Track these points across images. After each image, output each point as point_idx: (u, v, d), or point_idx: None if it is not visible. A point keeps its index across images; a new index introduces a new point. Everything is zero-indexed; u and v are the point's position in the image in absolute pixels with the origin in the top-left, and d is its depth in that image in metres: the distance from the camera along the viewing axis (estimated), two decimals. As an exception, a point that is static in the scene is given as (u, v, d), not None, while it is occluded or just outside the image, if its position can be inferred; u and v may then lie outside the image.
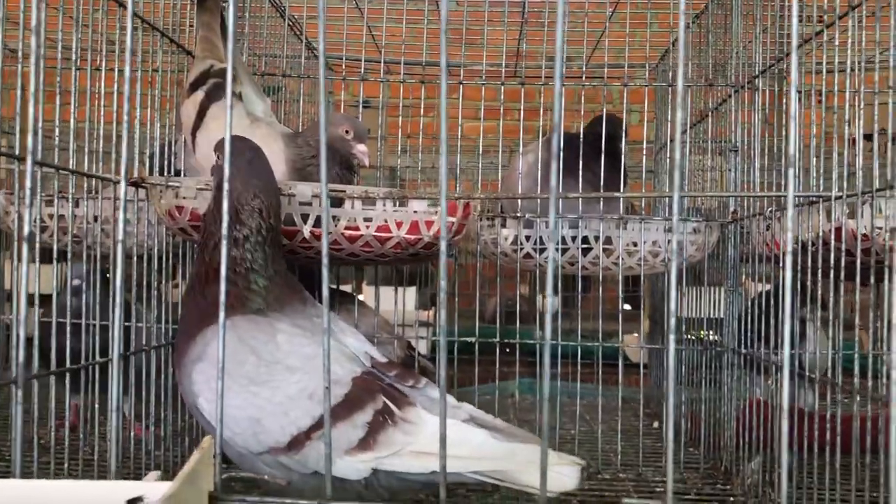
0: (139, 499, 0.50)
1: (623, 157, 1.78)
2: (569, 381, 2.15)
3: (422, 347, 2.58)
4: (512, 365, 2.16)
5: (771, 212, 1.43)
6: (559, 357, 1.90)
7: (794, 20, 0.67)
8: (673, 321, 0.71)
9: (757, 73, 1.49)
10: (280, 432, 1.00)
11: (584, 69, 1.91)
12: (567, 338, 2.02)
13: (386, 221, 1.23)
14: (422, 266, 3.04)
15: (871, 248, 1.22)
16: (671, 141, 2.10)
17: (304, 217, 1.24)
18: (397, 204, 1.25)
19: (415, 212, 1.23)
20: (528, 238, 1.71)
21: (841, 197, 1.18)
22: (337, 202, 1.26)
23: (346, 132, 1.42)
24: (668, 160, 2.06)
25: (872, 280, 1.59)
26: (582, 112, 1.81)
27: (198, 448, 0.59)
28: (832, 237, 1.21)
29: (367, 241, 1.25)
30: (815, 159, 1.25)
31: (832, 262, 1.15)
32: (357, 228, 1.24)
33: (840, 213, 1.21)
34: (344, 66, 2.08)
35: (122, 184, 0.76)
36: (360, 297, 2.03)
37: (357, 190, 1.25)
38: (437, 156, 1.88)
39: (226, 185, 0.78)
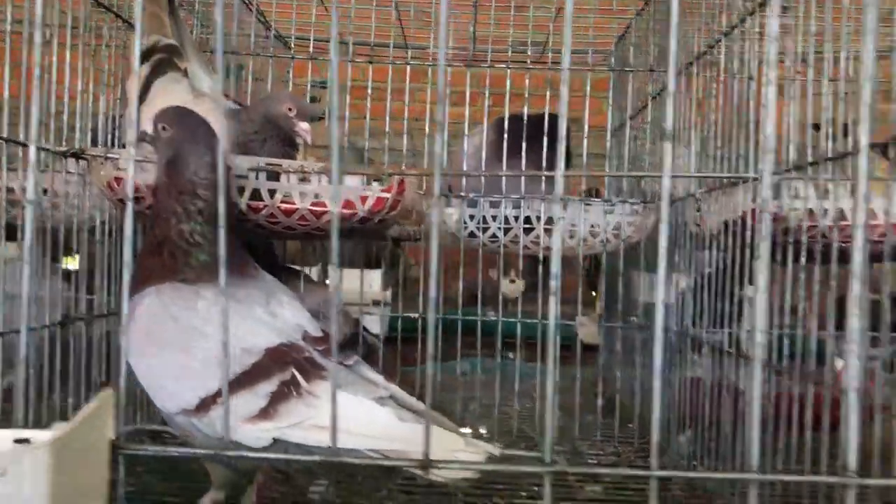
0: (26, 440, 0.53)
1: (567, 140, 1.82)
2: (525, 362, 2.21)
3: (377, 326, 2.61)
4: (472, 346, 2.20)
5: (701, 193, 1.48)
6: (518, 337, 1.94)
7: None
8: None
9: (692, 59, 1.53)
10: (190, 395, 1.04)
11: (530, 52, 1.95)
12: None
13: (320, 196, 1.26)
14: (390, 250, 3.08)
15: (786, 228, 1.26)
16: (621, 126, 2.15)
17: (241, 190, 1.26)
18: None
19: (349, 187, 1.26)
20: (471, 217, 1.75)
21: (758, 178, 1.22)
22: (275, 177, 1.28)
23: (290, 110, 1.44)
24: (620, 144, 2.11)
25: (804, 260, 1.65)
26: (547, 96, 1.84)
27: (96, 397, 0.62)
28: (749, 218, 1.26)
29: (303, 215, 1.28)
30: (738, 143, 1.29)
31: (784, 243, 1.19)
32: (293, 202, 1.27)
33: (759, 194, 1.26)
34: (313, 47, 2.10)
35: (32, 148, 0.79)
36: (309, 273, 2.06)
37: (293, 164, 1.28)
38: (400, 138, 1.90)
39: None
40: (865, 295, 0.72)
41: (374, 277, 3.08)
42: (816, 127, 2.86)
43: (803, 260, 1.19)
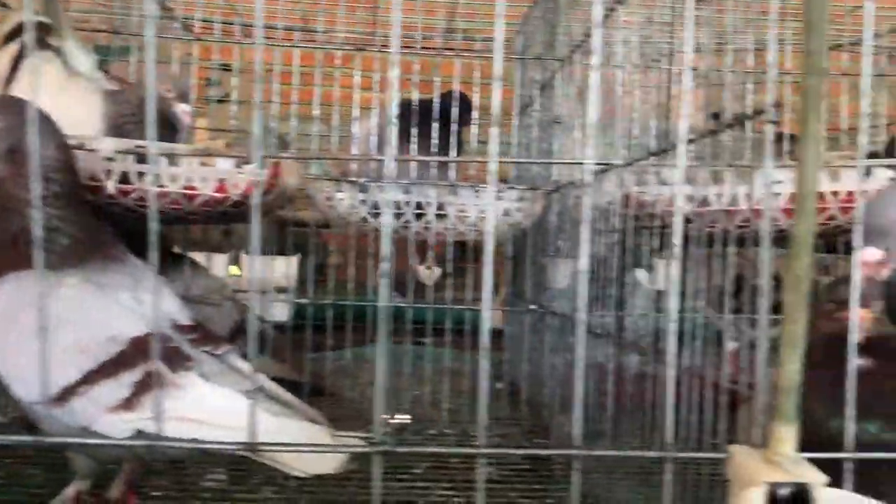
0: None
1: (459, 126, 1.83)
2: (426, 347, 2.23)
3: (282, 313, 2.58)
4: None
5: (579, 180, 1.51)
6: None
7: None
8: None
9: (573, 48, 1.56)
10: (50, 384, 1.01)
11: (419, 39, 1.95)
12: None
13: (191, 179, 1.24)
14: (308, 238, 3.05)
15: (652, 214, 1.30)
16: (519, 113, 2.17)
17: (109, 173, 1.24)
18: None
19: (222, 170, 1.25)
20: (363, 202, 1.74)
21: (630, 164, 1.26)
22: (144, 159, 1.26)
23: (168, 91, 1.41)
24: (524, 132, 2.13)
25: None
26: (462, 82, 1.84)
27: None
28: (622, 203, 1.29)
29: (175, 199, 1.26)
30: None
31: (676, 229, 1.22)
32: (164, 185, 1.24)
33: (630, 180, 1.29)
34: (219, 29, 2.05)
35: None
36: (197, 259, 2.03)
37: (163, 147, 1.25)
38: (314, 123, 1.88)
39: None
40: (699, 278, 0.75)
41: (288, 264, 3.05)
42: (716, 116, 2.95)
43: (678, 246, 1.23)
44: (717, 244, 1.12)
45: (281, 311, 2.64)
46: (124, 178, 1.24)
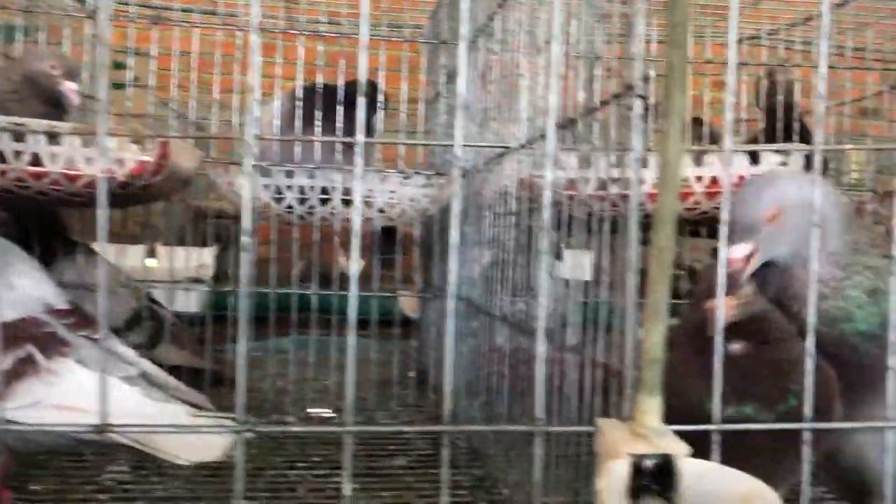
0: None
1: (368, 111, 1.80)
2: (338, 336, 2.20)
3: (192, 303, 2.52)
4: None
5: (483, 164, 1.50)
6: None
7: None
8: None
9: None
10: None
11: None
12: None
13: (73, 159, 1.19)
14: (229, 229, 2.97)
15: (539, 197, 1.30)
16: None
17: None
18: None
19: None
20: (265, 187, 1.70)
21: (522, 147, 1.25)
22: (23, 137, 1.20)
23: (53, 68, 1.35)
24: (434, 118, 2.12)
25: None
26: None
27: None
28: (519, 187, 1.29)
29: (56, 180, 1.20)
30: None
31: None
32: (43, 165, 1.19)
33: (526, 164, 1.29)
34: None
35: None
36: (94, 247, 1.96)
37: (42, 124, 1.19)
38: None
39: None
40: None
41: (205, 255, 2.97)
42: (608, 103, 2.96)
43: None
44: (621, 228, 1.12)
45: (191, 302, 2.57)
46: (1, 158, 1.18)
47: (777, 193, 0.96)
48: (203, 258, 2.92)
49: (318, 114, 1.71)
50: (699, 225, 1.63)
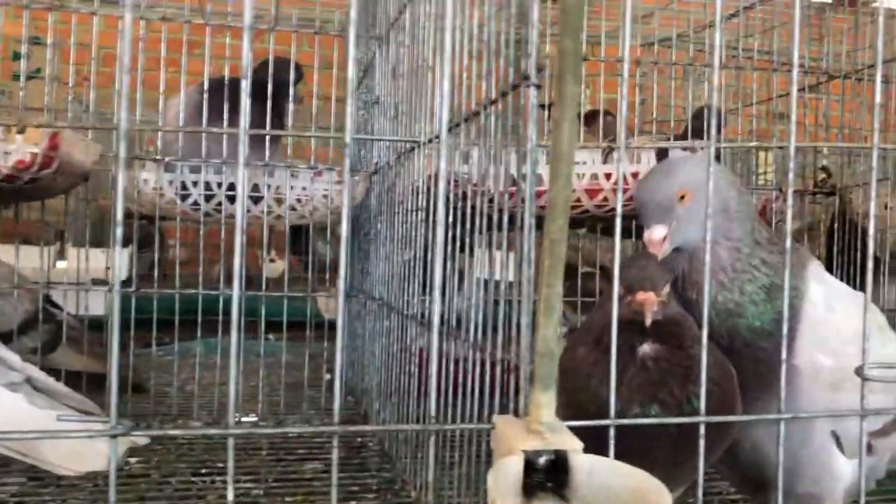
0: None
1: (278, 104, 1.76)
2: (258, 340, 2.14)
3: (99, 306, 2.42)
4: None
5: (395, 160, 1.48)
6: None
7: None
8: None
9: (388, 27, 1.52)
10: None
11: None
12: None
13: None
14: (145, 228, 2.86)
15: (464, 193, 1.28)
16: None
17: None
18: None
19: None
20: (170, 183, 1.64)
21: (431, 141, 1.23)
22: None
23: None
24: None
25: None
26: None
27: None
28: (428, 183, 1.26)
29: (-68, 172, 1.12)
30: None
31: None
32: (-83, 157, 1.11)
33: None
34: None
35: None
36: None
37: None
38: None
39: None
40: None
41: (118, 257, 2.83)
42: (542, 107, 2.98)
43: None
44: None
45: (98, 305, 2.47)
46: None
47: (686, 175, 0.97)
48: (113, 259, 2.81)
49: (226, 107, 1.65)
50: (603, 223, 1.65)
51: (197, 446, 1.48)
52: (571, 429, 0.67)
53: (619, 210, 0.73)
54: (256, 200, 1.67)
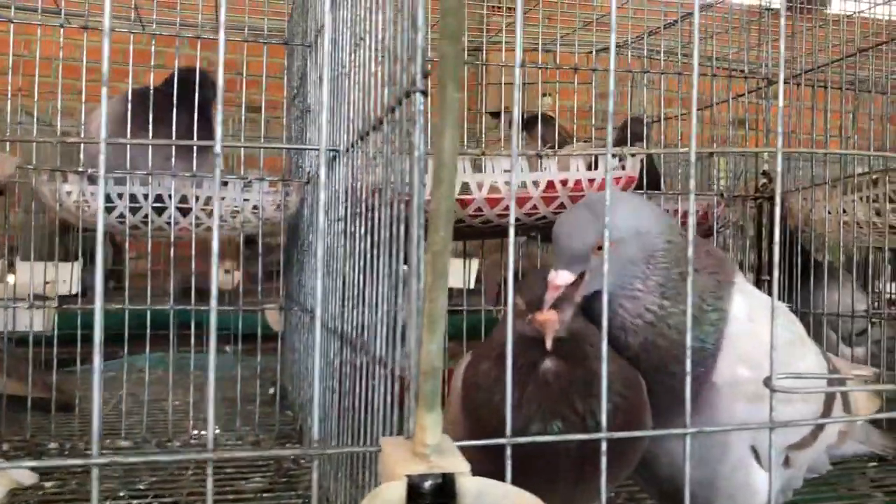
0: None
1: (208, 113, 1.72)
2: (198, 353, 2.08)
3: (38, 323, 2.35)
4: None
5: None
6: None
7: None
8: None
9: (316, 32, 1.49)
10: None
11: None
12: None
13: None
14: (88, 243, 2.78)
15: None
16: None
17: None
18: None
19: None
20: (93, 195, 1.59)
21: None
22: None
23: None
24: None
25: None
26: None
27: None
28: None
29: None
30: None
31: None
32: None
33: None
34: None
35: None
36: None
37: None
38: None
39: None
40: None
41: (68, 271, 2.77)
42: (495, 115, 2.97)
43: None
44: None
45: (37, 321, 2.40)
46: None
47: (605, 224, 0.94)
48: (66, 274, 2.74)
49: (151, 116, 1.61)
50: (539, 230, 1.62)
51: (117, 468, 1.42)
52: (471, 448, 0.65)
53: (511, 220, 0.70)
54: (185, 212, 1.63)
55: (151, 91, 1.62)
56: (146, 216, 1.61)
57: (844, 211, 1.70)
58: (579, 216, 0.94)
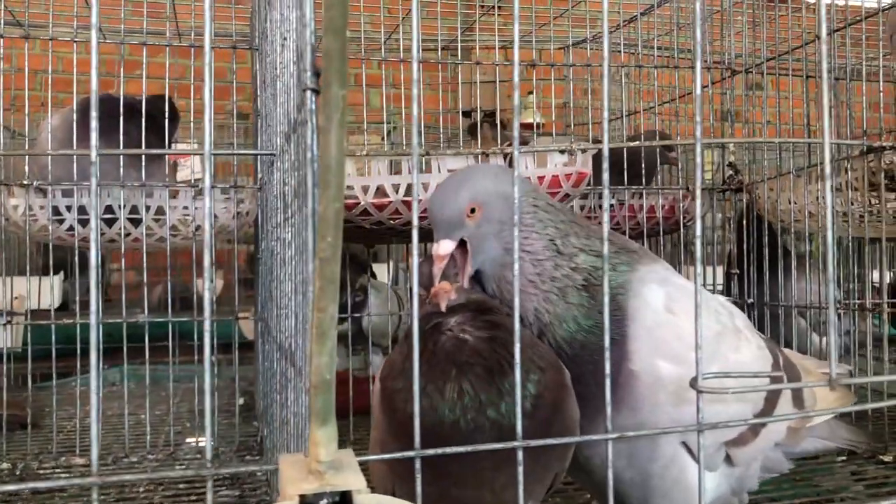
0: None
1: (169, 123, 1.69)
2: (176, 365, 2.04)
3: (4, 338, 2.31)
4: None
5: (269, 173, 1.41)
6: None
7: None
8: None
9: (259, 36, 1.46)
10: None
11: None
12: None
13: None
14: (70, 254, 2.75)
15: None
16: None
17: None
18: None
19: None
20: (41, 208, 1.56)
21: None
22: None
23: None
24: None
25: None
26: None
27: None
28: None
29: None
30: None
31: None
32: None
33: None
34: None
35: None
36: None
37: None
38: None
39: None
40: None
41: (47, 285, 2.74)
42: (467, 114, 2.93)
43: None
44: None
45: (6, 338, 2.36)
46: None
47: (474, 187, 0.93)
48: (44, 287, 2.71)
49: (95, 126, 1.57)
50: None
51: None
52: (394, 461, 0.62)
53: (415, 221, 0.67)
54: (136, 223, 1.60)
55: (94, 101, 1.58)
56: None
57: (811, 200, 1.68)
58: (447, 186, 0.96)
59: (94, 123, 0.61)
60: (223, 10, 1.95)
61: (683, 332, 0.88)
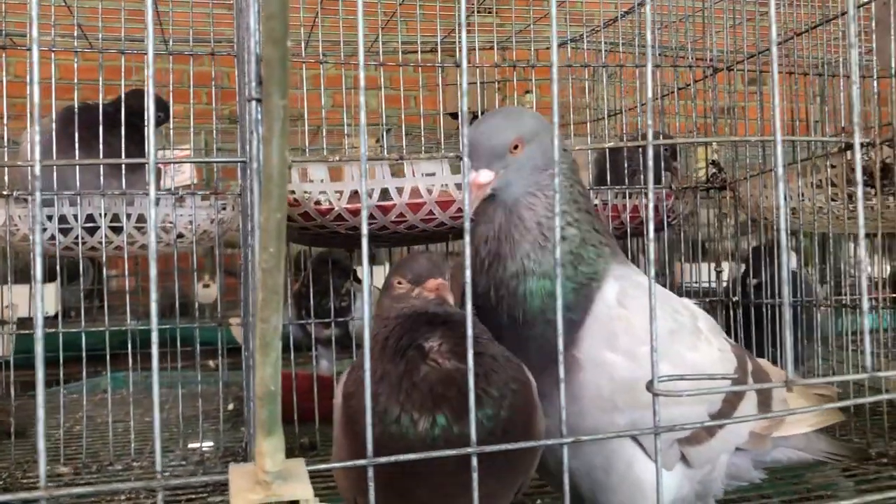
0: None
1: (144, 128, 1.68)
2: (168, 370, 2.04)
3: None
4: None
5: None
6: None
7: None
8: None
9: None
10: None
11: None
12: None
13: None
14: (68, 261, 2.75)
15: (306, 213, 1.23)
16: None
17: None
18: None
19: None
20: (21, 218, 1.56)
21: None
22: None
23: None
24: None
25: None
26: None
27: None
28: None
29: None
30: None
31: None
32: None
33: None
34: None
35: None
36: None
37: None
38: None
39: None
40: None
41: (46, 292, 2.73)
42: (454, 116, 2.93)
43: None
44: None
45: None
46: None
47: (524, 124, 0.94)
48: (41, 295, 2.70)
49: (78, 136, 1.58)
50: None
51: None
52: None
53: (364, 229, 0.67)
54: (117, 231, 1.60)
55: (76, 109, 1.60)
56: (77, 237, 1.58)
57: (793, 197, 1.67)
58: (496, 118, 0.97)
59: (35, 137, 0.61)
60: (224, 16, 1.95)
61: (633, 326, 0.89)
